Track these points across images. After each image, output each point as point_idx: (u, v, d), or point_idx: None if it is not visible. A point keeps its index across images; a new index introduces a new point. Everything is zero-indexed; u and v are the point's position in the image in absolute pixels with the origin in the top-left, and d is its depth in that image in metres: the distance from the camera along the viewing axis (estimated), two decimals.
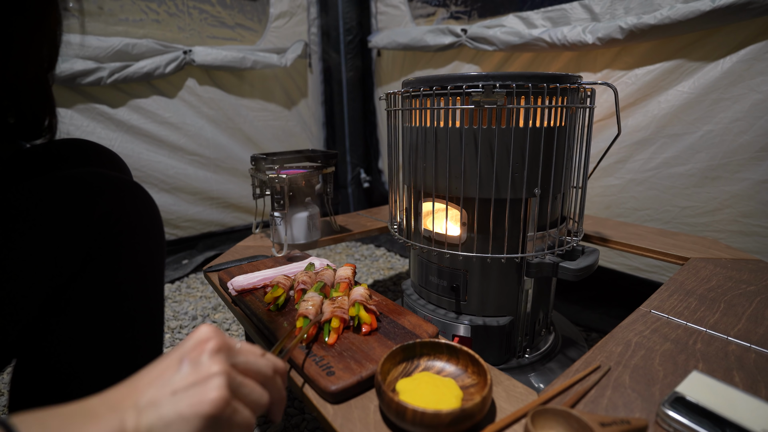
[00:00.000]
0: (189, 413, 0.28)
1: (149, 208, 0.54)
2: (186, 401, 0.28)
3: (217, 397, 0.29)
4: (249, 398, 0.33)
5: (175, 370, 0.31)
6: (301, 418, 0.87)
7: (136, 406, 0.28)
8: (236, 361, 0.33)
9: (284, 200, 1.00)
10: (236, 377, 0.32)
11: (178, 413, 0.28)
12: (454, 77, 0.71)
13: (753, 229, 1.00)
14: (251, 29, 1.74)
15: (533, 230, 0.76)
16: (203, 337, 0.33)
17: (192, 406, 0.28)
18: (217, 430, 0.29)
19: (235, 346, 0.35)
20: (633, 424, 0.41)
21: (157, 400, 0.28)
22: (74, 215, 0.47)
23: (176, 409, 0.28)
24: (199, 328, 0.34)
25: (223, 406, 0.29)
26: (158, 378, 0.30)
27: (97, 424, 0.26)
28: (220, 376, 0.30)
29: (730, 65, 0.97)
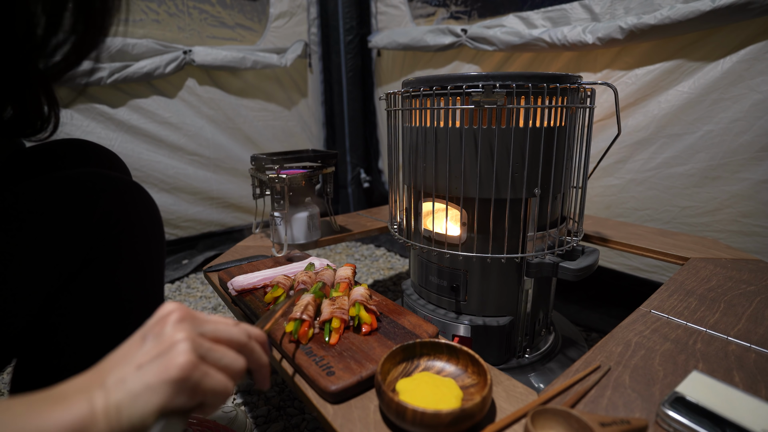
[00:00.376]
0: (155, 381, 0.28)
1: (149, 208, 0.54)
2: (151, 371, 0.28)
3: (183, 362, 0.29)
4: (221, 363, 0.32)
5: (139, 346, 0.31)
6: (301, 418, 0.87)
7: (104, 386, 0.28)
8: (204, 330, 0.33)
9: (284, 200, 1.00)
10: (203, 343, 0.31)
11: (144, 384, 0.28)
12: (454, 77, 0.71)
13: (753, 229, 1.00)
14: (251, 29, 1.74)
15: (533, 230, 0.76)
16: (165, 311, 0.32)
17: (158, 374, 0.28)
18: (187, 396, 0.29)
19: (202, 317, 0.34)
20: (633, 424, 0.41)
21: (123, 377, 0.28)
22: (74, 216, 0.47)
23: (143, 380, 0.28)
24: (163, 305, 0.33)
25: (191, 369, 0.29)
26: (123, 357, 0.30)
27: (66, 407, 0.26)
28: (185, 341, 0.30)
29: (730, 65, 0.97)
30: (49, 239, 0.45)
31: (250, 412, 0.89)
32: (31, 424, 0.25)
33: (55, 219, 0.46)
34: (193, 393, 0.29)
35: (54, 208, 0.46)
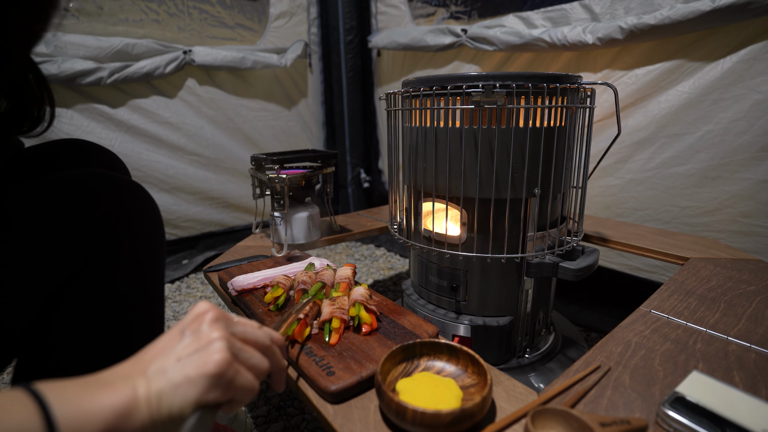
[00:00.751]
0: (195, 375, 0.30)
1: (149, 208, 0.54)
2: (191, 365, 0.30)
3: (219, 359, 0.31)
4: (249, 362, 0.34)
5: (178, 340, 0.33)
6: (301, 418, 0.87)
7: (146, 375, 0.30)
8: (234, 330, 0.35)
9: (284, 200, 1.00)
10: (236, 342, 0.34)
11: (184, 376, 0.30)
12: (454, 77, 0.71)
13: (753, 229, 1.00)
14: (251, 29, 1.74)
15: (533, 230, 0.76)
16: (201, 310, 0.35)
17: (197, 368, 0.30)
18: (221, 391, 0.31)
19: (233, 318, 0.36)
20: (633, 424, 0.41)
21: (164, 368, 0.30)
22: (74, 216, 0.47)
23: (183, 372, 0.30)
24: (197, 304, 0.36)
25: (226, 367, 0.31)
26: (163, 349, 0.32)
27: (112, 391, 0.28)
28: (221, 340, 0.32)
29: (730, 65, 0.97)
30: (50, 240, 0.45)
31: (250, 412, 0.89)
32: (84, 404, 0.27)
33: (55, 219, 0.46)
34: (226, 388, 0.31)
35: (54, 208, 0.46)
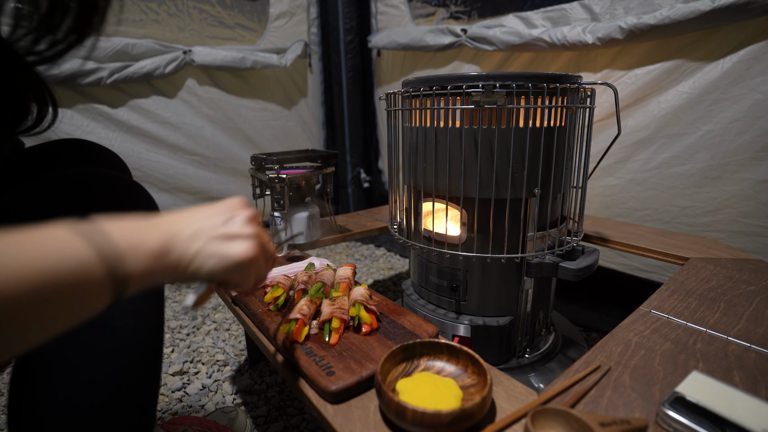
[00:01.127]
0: (229, 255, 0.35)
1: (150, 207, 0.54)
2: (228, 247, 0.36)
3: (252, 253, 0.37)
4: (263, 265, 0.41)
5: (216, 219, 0.37)
6: (301, 419, 0.87)
7: (183, 234, 0.34)
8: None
9: (284, 200, 1.00)
10: (262, 243, 0.40)
11: (221, 253, 0.35)
12: (454, 77, 0.71)
13: (753, 229, 1.00)
14: (251, 29, 1.74)
15: (533, 230, 0.76)
16: (237, 203, 0.40)
17: (233, 252, 0.36)
18: (239, 276, 0.37)
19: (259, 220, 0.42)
20: (633, 424, 0.41)
21: (200, 235, 0.35)
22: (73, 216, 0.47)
23: (219, 249, 0.35)
24: (233, 198, 0.40)
25: (254, 261, 0.38)
26: (202, 220, 0.36)
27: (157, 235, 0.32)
28: (256, 238, 0.38)
29: (730, 65, 0.97)
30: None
31: (250, 412, 0.89)
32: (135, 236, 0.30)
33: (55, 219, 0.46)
34: (245, 276, 0.38)
35: (53, 208, 0.46)
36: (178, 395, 0.95)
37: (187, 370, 1.04)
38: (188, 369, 1.05)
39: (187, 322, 1.27)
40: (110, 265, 0.27)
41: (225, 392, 0.96)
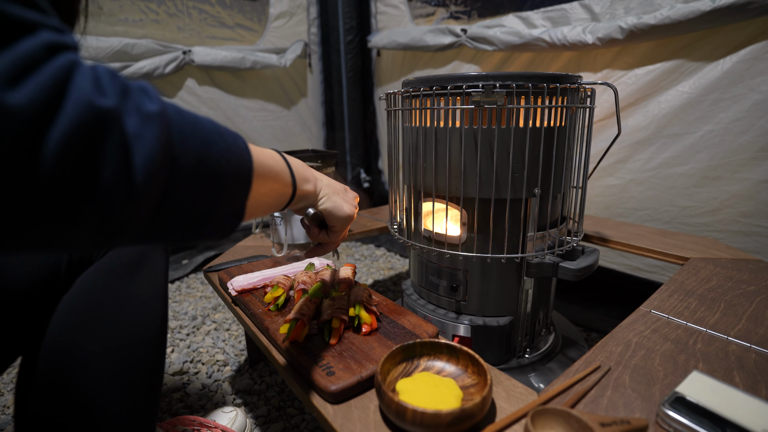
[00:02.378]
0: (340, 206, 0.54)
1: None
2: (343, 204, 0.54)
3: (352, 214, 0.56)
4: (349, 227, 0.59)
5: (340, 187, 0.56)
6: (301, 419, 0.87)
7: (323, 181, 0.53)
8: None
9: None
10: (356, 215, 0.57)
11: (338, 203, 0.53)
12: (454, 77, 0.71)
13: (753, 229, 1.00)
14: (251, 29, 1.74)
15: (533, 230, 0.76)
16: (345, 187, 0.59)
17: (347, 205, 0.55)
18: (340, 223, 0.55)
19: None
20: (633, 424, 0.41)
21: (331, 187, 0.54)
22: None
23: (337, 200, 0.53)
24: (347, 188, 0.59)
25: (351, 219, 0.56)
26: (334, 183, 0.55)
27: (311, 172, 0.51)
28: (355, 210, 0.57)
29: (731, 65, 0.97)
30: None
31: (250, 412, 0.89)
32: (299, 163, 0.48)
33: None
34: (342, 225, 0.55)
35: None
36: (178, 395, 0.95)
37: (187, 370, 1.04)
38: (188, 369, 1.05)
39: (187, 323, 1.26)
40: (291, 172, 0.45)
41: (225, 392, 0.96)
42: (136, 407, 0.51)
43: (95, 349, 0.49)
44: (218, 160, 0.31)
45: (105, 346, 0.49)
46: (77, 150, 0.22)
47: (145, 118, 0.25)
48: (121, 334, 0.51)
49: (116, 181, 0.24)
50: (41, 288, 0.47)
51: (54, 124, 0.21)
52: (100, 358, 0.49)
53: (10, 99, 0.19)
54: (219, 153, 0.31)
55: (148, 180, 0.25)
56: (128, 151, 0.24)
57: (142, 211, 0.26)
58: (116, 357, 0.50)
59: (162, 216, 0.28)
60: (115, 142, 0.23)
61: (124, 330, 0.51)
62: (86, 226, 0.24)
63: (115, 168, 0.23)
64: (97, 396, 0.48)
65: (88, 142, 0.22)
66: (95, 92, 0.22)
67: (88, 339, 0.48)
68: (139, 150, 0.24)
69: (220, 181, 0.31)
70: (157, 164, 0.25)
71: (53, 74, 0.21)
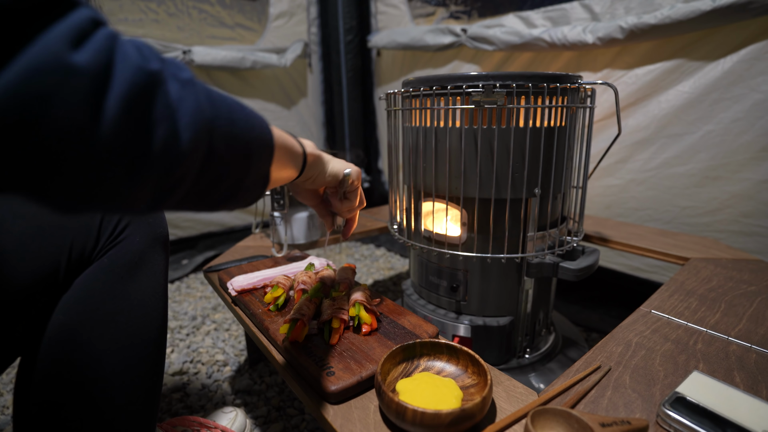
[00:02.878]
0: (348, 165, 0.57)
1: None
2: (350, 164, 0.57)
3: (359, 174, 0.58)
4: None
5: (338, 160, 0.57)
6: (301, 419, 0.87)
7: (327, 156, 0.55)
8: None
9: (284, 200, 1.00)
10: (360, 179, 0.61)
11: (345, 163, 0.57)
12: (454, 77, 0.71)
13: (754, 230, 1.00)
14: (251, 29, 1.74)
15: (533, 230, 0.76)
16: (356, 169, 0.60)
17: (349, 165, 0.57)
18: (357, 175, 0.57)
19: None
20: (633, 424, 0.41)
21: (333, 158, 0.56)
22: (76, 217, 0.47)
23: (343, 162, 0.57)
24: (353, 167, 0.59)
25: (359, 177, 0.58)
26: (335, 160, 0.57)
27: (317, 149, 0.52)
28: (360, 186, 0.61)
29: (731, 65, 0.97)
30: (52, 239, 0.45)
31: (249, 412, 0.89)
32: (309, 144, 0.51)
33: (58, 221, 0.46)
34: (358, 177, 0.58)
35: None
36: (178, 395, 0.95)
37: (186, 371, 1.04)
38: (188, 369, 1.05)
39: (186, 323, 1.26)
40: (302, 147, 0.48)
41: (225, 392, 0.96)
42: (136, 407, 0.51)
43: (95, 350, 0.49)
44: (245, 125, 0.34)
45: (105, 347, 0.49)
46: (133, 109, 0.24)
47: (182, 83, 0.27)
48: (121, 335, 0.51)
49: (168, 138, 0.26)
50: (41, 288, 0.47)
51: (112, 85, 0.23)
52: (99, 358, 0.49)
53: (76, 59, 0.21)
54: (245, 119, 0.34)
55: (193, 139, 0.28)
56: (174, 112, 0.26)
57: (190, 169, 0.29)
58: (116, 357, 0.50)
59: (205, 175, 0.31)
60: (163, 102, 0.26)
61: (124, 330, 0.51)
62: (145, 183, 0.26)
63: (166, 127, 0.26)
64: (97, 396, 0.48)
65: (141, 102, 0.24)
66: (141, 58, 0.25)
67: (87, 340, 0.48)
68: (183, 111, 0.27)
69: (248, 144, 0.34)
70: (198, 124, 0.28)
71: (103, 41, 0.23)
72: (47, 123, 0.21)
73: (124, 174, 0.24)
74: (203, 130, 0.29)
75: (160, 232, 0.56)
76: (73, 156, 0.22)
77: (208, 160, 0.30)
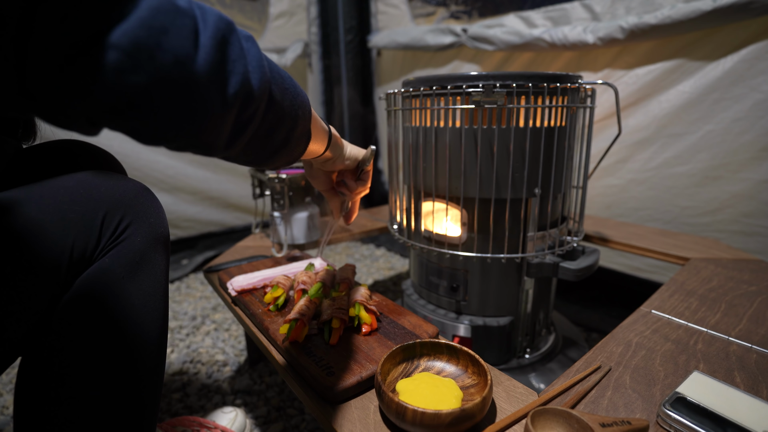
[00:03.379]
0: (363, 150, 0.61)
1: (157, 211, 0.54)
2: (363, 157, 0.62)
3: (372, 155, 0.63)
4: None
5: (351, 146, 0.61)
6: (301, 419, 0.87)
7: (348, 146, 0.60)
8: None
9: (284, 200, 1.00)
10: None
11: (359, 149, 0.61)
12: (454, 77, 0.71)
13: (754, 230, 1.00)
14: (251, 29, 1.73)
15: (533, 230, 0.76)
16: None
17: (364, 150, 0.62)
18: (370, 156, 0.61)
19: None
20: (634, 424, 0.41)
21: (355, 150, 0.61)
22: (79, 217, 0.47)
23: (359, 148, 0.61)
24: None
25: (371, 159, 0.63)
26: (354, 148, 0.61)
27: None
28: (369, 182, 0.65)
29: (731, 65, 0.97)
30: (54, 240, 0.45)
31: (249, 412, 0.89)
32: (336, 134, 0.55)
33: (60, 221, 0.46)
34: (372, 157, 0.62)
35: (56, 212, 0.46)
36: (178, 396, 0.95)
37: (186, 371, 1.04)
38: (188, 369, 1.05)
39: (186, 323, 1.26)
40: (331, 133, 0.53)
41: (225, 392, 0.96)
42: (136, 408, 0.51)
43: (95, 350, 0.49)
44: (290, 85, 0.40)
45: (105, 347, 0.49)
46: (220, 45, 0.29)
47: (246, 37, 0.33)
48: (122, 335, 0.51)
49: (245, 74, 0.32)
50: (41, 288, 0.47)
51: (205, 25, 0.29)
52: (99, 358, 0.49)
53: (180, 3, 0.27)
54: (290, 80, 0.40)
55: (261, 80, 0.33)
56: (245, 55, 0.32)
57: (260, 108, 0.34)
58: (116, 357, 0.50)
59: (268, 118, 0.36)
60: (238, 45, 0.31)
61: (125, 330, 0.51)
62: (230, 112, 0.31)
63: (242, 65, 0.31)
64: (97, 396, 0.48)
65: (224, 41, 0.30)
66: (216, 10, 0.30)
67: (88, 339, 0.48)
68: (251, 57, 0.33)
69: (295, 99, 0.40)
70: (262, 70, 0.34)
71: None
72: (166, 49, 0.26)
73: (218, 98, 0.30)
74: (265, 79, 0.34)
75: (161, 232, 0.56)
76: (183, 78, 0.27)
77: (270, 104, 0.36)
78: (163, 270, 0.57)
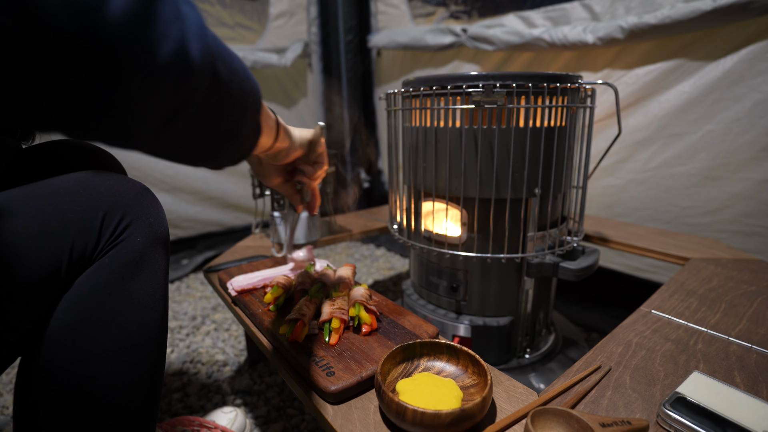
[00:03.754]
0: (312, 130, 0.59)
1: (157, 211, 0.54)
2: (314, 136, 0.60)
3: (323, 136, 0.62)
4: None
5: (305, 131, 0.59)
6: (301, 419, 0.87)
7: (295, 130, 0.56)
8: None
9: (284, 200, 1.00)
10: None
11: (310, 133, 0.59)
12: (454, 77, 0.71)
13: (754, 230, 1.00)
14: (251, 29, 1.74)
15: (533, 230, 0.76)
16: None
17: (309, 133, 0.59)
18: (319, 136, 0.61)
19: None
20: (634, 424, 0.41)
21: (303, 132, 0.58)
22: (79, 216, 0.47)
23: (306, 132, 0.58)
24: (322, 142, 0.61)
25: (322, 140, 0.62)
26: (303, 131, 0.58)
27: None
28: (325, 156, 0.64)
29: (731, 65, 0.97)
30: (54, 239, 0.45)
31: (249, 412, 0.89)
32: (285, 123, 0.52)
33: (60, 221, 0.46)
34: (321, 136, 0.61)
35: (58, 210, 0.46)
36: (178, 396, 0.95)
37: (186, 371, 1.04)
38: (188, 369, 1.05)
39: (186, 323, 1.26)
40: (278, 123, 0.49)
41: (225, 392, 0.96)
42: (136, 407, 0.51)
43: (95, 350, 0.49)
44: (239, 66, 0.34)
45: (105, 347, 0.49)
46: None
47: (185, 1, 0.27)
48: (122, 335, 0.51)
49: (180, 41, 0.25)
50: (42, 288, 0.47)
51: None
52: (100, 358, 0.49)
53: None
54: (238, 61, 0.35)
55: (202, 52, 0.27)
56: (183, 20, 0.25)
57: (200, 89, 0.28)
58: (116, 357, 0.50)
59: (211, 102, 0.30)
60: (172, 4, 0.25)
61: (125, 330, 0.51)
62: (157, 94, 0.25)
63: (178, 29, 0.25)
64: (97, 396, 0.48)
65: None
66: None
67: (88, 339, 0.48)
68: (191, 23, 0.26)
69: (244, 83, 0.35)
70: (204, 41, 0.27)
71: None
72: None
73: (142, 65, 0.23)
74: (208, 52, 0.28)
75: (161, 232, 0.56)
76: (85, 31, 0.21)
77: (215, 85, 0.29)
78: (163, 270, 0.57)
